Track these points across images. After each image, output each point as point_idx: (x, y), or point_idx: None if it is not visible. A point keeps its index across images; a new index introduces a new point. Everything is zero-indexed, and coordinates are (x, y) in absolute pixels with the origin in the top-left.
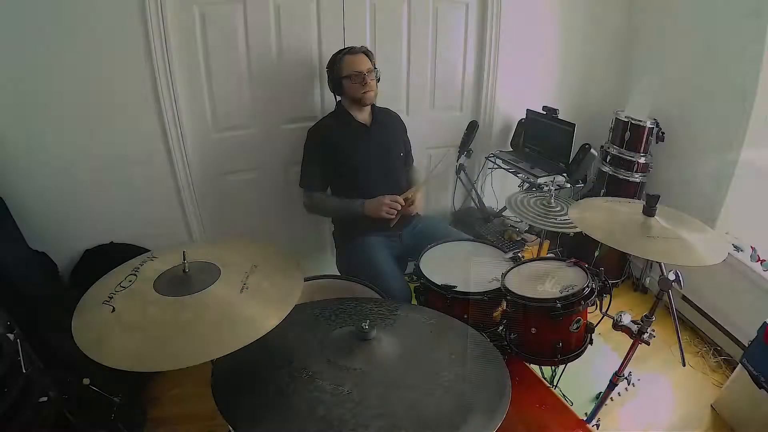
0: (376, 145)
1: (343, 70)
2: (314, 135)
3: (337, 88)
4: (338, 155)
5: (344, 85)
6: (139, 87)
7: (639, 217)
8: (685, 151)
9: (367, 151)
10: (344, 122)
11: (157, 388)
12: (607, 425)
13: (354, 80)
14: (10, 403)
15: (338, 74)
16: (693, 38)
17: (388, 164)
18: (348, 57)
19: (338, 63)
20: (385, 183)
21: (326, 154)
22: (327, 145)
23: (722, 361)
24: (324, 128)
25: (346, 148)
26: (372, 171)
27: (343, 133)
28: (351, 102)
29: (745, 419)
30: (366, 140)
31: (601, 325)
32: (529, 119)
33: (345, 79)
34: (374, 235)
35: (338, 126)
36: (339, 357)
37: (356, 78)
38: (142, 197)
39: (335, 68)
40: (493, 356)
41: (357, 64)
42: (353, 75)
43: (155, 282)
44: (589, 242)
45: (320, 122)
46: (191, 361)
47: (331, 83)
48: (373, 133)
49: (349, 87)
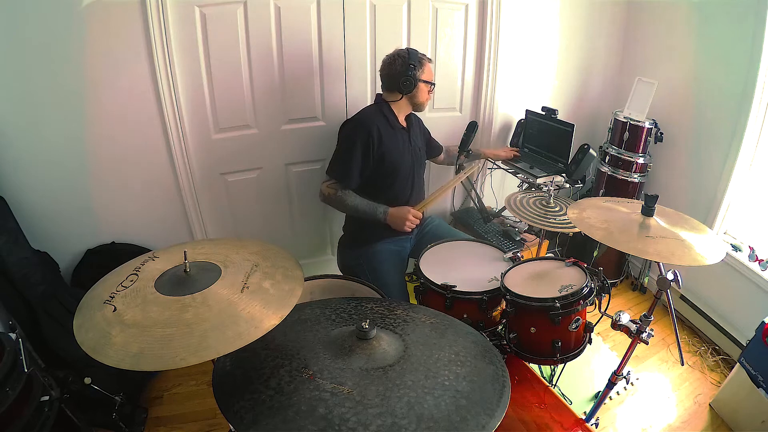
0: (413, 149)
1: (424, 74)
2: (362, 128)
3: (406, 87)
4: (383, 155)
5: (419, 87)
6: (141, 87)
7: (638, 217)
8: (683, 151)
9: (407, 154)
10: (390, 123)
11: (158, 387)
12: (606, 424)
13: (430, 88)
14: (12, 402)
15: (418, 75)
16: (692, 38)
17: (420, 169)
18: (429, 65)
19: (422, 65)
20: (416, 186)
21: (370, 150)
22: (374, 141)
23: (720, 361)
24: (372, 125)
25: (392, 150)
26: (408, 175)
27: (391, 133)
28: (408, 104)
29: (743, 418)
30: (407, 143)
31: (600, 324)
32: (529, 120)
33: (423, 83)
34: (384, 242)
35: (385, 125)
36: (339, 356)
37: (431, 87)
38: (143, 197)
39: (419, 68)
40: (493, 355)
41: (433, 75)
42: (431, 83)
43: (156, 282)
44: (587, 242)
45: (368, 118)
46: (192, 361)
47: (404, 79)
48: (411, 138)
49: (422, 91)
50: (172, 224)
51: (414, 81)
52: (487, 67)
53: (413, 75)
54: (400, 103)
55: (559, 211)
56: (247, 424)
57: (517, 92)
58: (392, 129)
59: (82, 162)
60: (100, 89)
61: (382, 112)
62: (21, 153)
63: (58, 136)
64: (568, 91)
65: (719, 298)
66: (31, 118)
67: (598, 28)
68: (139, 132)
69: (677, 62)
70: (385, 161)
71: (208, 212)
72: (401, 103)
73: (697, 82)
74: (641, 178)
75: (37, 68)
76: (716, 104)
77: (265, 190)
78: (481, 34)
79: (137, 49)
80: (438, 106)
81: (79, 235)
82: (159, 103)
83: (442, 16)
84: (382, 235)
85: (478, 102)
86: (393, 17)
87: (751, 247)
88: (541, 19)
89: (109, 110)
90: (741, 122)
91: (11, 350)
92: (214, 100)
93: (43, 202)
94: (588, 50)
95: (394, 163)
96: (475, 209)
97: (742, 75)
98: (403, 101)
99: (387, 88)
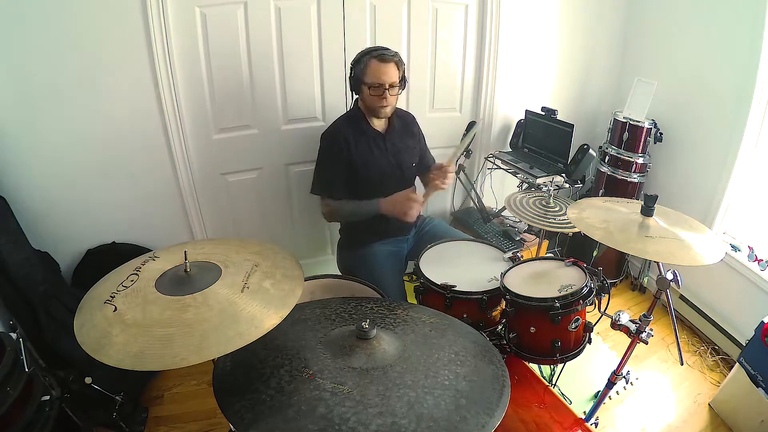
0: (390, 155)
1: (366, 75)
2: (329, 141)
3: (355, 89)
4: (352, 161)
5: (363, 90)
6: (141, 87)
7: (637, 217)
8: (683, 151)
9: (381, 161)
10: (360, 129)
11: (158, 386)
12: (606, 424)
13: (374, 91)
14: (13, 401)
15: (360, 76)
16: (691, 38)
17: (400, 175)
18: (375, 63)
19: (363, 64)
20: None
21: (341, 157)
22: (342, 148)
23: (720, 360)
24: (339, 134)
25: (360, 157)
26: (384, 182)
27: (358, 141)
28: (366, 108)
29: (742, 418)
30: (380, 149)
31: (600, 324)
32: (528, 120)
33: (365, 86)
34: (380, 243)
35: (353, 133)
36: (339, 356)
37: (376, 90)
38: (143, 197)
39: (358, 68)
40: (492, 355)
41: (382, 74)
42: (374, 85)
43: (157, 281)
44: (587, 242)
45: (335, 127)
46: (192, 361)
47: (351, 81)
48: (388, 143)
49: (366, 95)
50: (173, 224)
51: (355, 83)
52: (487, 67)
53: (353, 76)
54: (362, 106)
55: (558, 211)
56: (247, 424)
57: (517, 92)
58: (363, 135)
59: (82, 162)
60: (101, 90)
61: (351, 117)
62: (21, 153)
63: (58, 135)
64: (567, 92)
65: (718, 298)
66: (31, 118)
67: (598, 28)
68: (139, 132)
69: (677, 62)
70: (358, 168)
71: (208, 212)
72: (362, 106)
73: (696, 82)
74: (641, 178)
75: (38, 68)
76: (716, 104)
77: (265, 190)
78: (481, 35)
79: (138, 49)
80: (438, 106)
81: (79, 235)
82: (159, 103)
83: (442, 16)
84: (378, 236)
85: (477, 102)
86: (393, 17)
87: (751, 247)
88: (541, 19)
89: (109, 110)
90: (740, 122)
91: (12, 350)
92: (215, 100)
93: (44, 202)
94: (588, 50)
95: (368, 169)
96: (475, 209)
97: (741, 75)
98: (362, 104)
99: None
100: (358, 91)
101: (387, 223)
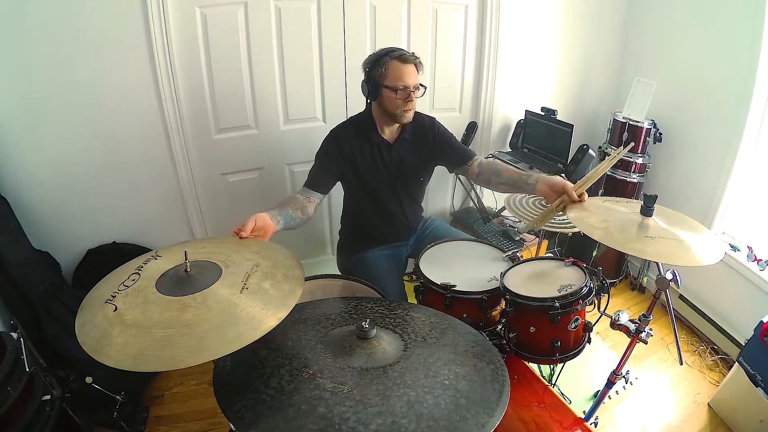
0: (393, 167)
1: (387, 78)
2: (328, 141)
3: (373, 94)
4: (352, 172)
5: (384, 94)
6: (142, 87)
7: (636, 217)
8: (682, 151)
9: (382, 172)
10: (366, 137)
11: (159, 386)
12: (605, 423)
13: (399, 95)
14: (14, 401)
15: (380, 79)
16: (691, 38)
17: (403, 189)
18: (396, 64)
19: (384, 66)
20: (397, 206)
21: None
22: (341, 157)
23: (719, 360)
24: (341, 138)
25: (361, 167)
26: (384, 194)
27: (362, 148)
28: (384, 114)
29: (741, 417)
30: (384, 160)
31: (599, 324)
32: (528, 120)
33: (387, 89)
34: (379, 249)
35: (358, 139)
36: (339, 356)
37: (402, 93)
38: (144, 197)
39: (377, 71)
40: (492, 355)
41: (406, 77)
42: (399, 88)
43: (157, 281)
44: (587, 242)
45: (341, 129)
46: (193, 361)
47: (368, 85)
48: (395, 154)
49: (389, 99)
50: (173, 224)
51: (373, 86)
52: (487, 67)
53: (370, 79)
54: (377, 112)
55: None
56: (247, 424)
57: (517, 92)
58: (368, 143)
59: (83, 162)
60: (101, 90)
61: (360, 123)
62: (22, 153)
63: (59, 136)
64: (567, 92)
65: (718, 297)
66: (32, 118)
67: (598, 29)
68: (140, 132)
69: (677, 62)
70: (357, 174)
71: (208, 212)
72: (377, 112)
73: (696, 82)
74: (640, 178)
75: (38, 68)
76: (715, 104)
77: (265, 190)
78: (481, 35)
79: (138, 49)
80: (438, 107)
81: (80, 235)
82: (160, 104)
83: (442, 16)
84: (377, 242)
85: (477, 102)
86: (393, 17)
87: (750, 247)
88: (541, 19)
89: (110, 111)
90: (740, 122)
91: (13, 350)
92: (215, 101)
93: (45, 202)
94: (588, 50)
95: (366, 178)
96: (475, 209)
97: (741, 75)
98: (378, 110)
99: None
100: (376, 96)
101: (387, 230)
